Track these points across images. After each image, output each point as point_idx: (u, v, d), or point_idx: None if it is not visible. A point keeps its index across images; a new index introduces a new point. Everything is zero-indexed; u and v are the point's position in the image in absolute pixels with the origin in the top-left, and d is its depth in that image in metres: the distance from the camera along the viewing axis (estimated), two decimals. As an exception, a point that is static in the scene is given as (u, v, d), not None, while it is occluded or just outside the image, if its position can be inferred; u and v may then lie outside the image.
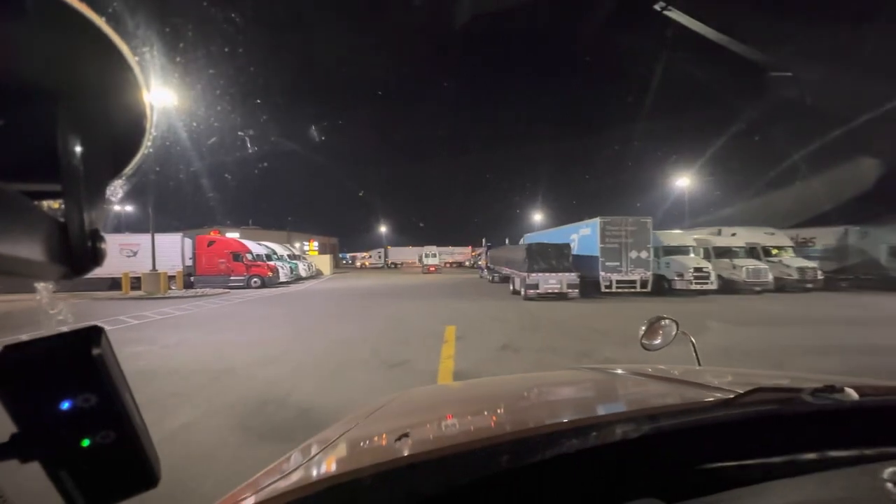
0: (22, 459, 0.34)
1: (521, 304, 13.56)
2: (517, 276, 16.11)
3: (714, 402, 0.83)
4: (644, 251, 15.53)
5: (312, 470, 0.86)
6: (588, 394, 1.38)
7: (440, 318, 10.53)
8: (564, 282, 14.50)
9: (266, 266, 22.35)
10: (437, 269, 38.94)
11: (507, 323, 9.97)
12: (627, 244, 15.47)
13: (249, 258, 22.31)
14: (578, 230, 17.67)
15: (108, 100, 0.36)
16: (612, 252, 15.45)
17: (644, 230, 15.60)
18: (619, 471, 0.78)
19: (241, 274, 21.72)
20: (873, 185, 20.65)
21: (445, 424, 1.05)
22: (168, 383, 5.12)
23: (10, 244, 0.29)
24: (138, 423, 0.38)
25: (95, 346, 0.35)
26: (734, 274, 16.39)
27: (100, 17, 0.31)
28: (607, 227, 15.54)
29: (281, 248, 29.75)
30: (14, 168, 0.35)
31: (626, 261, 15.42)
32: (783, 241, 18.69)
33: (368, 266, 53.50)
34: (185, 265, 21.21)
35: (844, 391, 0.79)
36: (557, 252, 15.04)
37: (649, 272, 15.45)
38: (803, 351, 6.80)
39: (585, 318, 10.55)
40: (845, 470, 0.73)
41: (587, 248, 16.05)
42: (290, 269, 25.27)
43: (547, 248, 15.20)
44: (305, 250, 46.66)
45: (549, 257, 14.93)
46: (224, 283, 21.36)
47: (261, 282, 21.75)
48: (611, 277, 15.36)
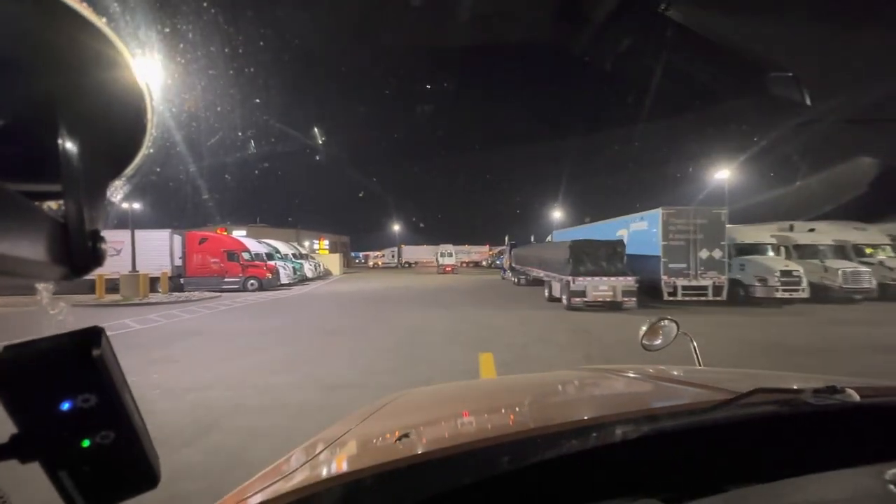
0: (22, 460, 0.34)
1: (568, 317, 10.74)
2: (556, 281, 13.27)
3: (714, 402, 0.82)
4: (717, 250, 12.49)
5: (313, 470, 0.87)
6: (588, 394, 1.38)
7: (468, 338, 7.80)
8: (619, 288, 11.63)
9: (265, 267, 19.93)
10: (454, 270, 36.00)
11: (562, 348, 7.20)
12: (696, 241, 12.47)
13: (246, 258, 19.94)
14: (629, 225, 14.70)
15: (109, 100, 0.36)
16: (676, 251, 12.47)
17: (717, 224, 12.55)
18: (620, 471, 0.77)
19: (236, 275, 19.35)
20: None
21: (446, 425, 1.07)
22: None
23: (10, 244, 0.29)
24: (138, 423, 0.37)
25: (95, 346, 0.34)
26: (826, 278, 13.26)
27: (100, 17, 0.32)
28: (671, 220, 12.55)
29: (285, 246, 27.46)
30: (14, 168, 0.35)
31: (694, 261, 12.43)
32: (877, 237, 15.40)
33: (381, 266, 51.07)
34: (174, 265, 18.91)
35: (845, 392, 0.78)
36: (608, 251, 12.16)
37: (724, 276, 12.42)
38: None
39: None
40: (847, 471, 0.72)
41: (642, 247, 13.08)
42: (293, 269, 22.86)
43: (595, 246, 12.32)
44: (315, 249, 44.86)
45: (598, 258, 12.06)
46: (217, 286, 19.02)
47: (258, 284, 19.34)
48: (675, 282, 12.38)
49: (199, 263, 19.34)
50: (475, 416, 1.14)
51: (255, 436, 3.63)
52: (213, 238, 20.07)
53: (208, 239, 19.87)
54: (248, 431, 3.73)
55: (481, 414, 1.18)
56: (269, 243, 25.37)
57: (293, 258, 26.63)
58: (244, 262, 19.56)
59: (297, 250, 29.21)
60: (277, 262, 22.46)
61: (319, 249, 45.18)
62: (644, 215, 13.70)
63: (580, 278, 11.68)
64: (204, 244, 19.60)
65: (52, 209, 0.37)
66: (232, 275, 19.34)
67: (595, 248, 12.17)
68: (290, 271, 22.50)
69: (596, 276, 11.72)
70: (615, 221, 15.95)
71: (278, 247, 26.13)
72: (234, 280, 19.27)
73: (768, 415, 0.79)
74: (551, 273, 13.83)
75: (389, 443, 0.88)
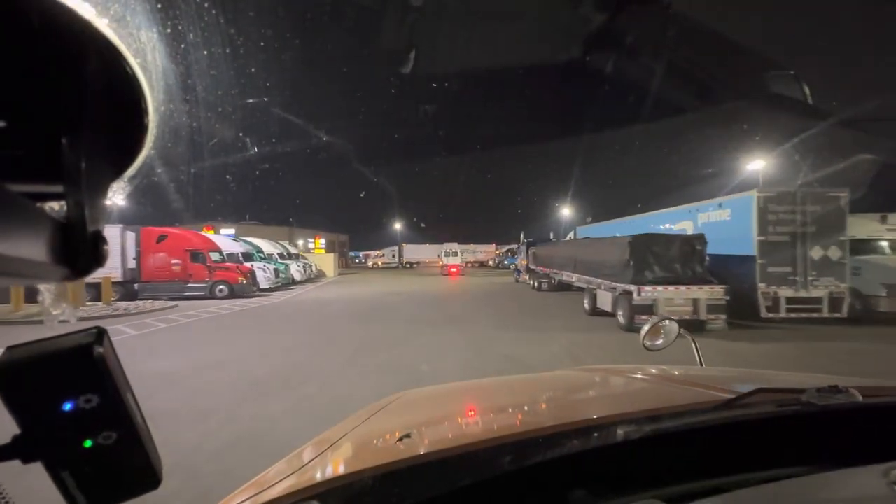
0: (24, 460, 0.34)
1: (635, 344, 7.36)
2: (604, 289, 9.90)
3: (716, 402, 0.82)
4: (834, 248, 8.97)
5: (315, 471, 0.87)
6: (590, 394, 1.38)
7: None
8: (702, 301, 8.25)
9: (237, 269, 16.65)
10: (460, 271, 32.41)
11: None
12: (805, 236, 9.03)
13: (215, 258, 16.69)
14: (696, 216, 11.16)
15: (110, 100, 0.36)
16: (777, 250, 8.99)
17: (834, 213, 9.02)
18: (621, 471, 0.77)
19: (201, 279, 16.08)
20: None
21: (447, 425, 1.09)
22: None
23: (11, 245, 0.29)
24: (140, 424, 0.38)
25: (97, 346, 0.35)
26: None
27: (101, 18, 0.32)
28: (770, 206, 9.09)
29: (269, 245, 24.21)
30: (15, 168, 0.35)
31: (803, 264, 8.98)
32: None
33: (381, 266, 47.70)
34: (126, 269, 15.63)
35: (848, 391, 0.78)
36: (684, 249, 8.74)
37: (844, 284, 8.97)
38: None
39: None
40: (849, 470, 0.71)
41: (722, 245, 9.60)
42: (274, 271, 19.57)
43: (666, 242, 8.89)
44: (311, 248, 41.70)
45: (671, 259, 8.67)
46: (179, 292, 15.76)
47: (228, 290, 16.07)
48: (776, 293, 8.93)
49: (156, 266, 16.06)
50: (476, 417, 1.17)
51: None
52: (173, 235, 16.76)
53: (168, 236, 16.56)
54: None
55: (482, 414, 1.21)
56: (250, 242, 22.15)
57: (279, 259, 23.40)
58: (211, 263, 16.28)
59: (286, 250, 25.94)
60: (257, 263, 19.22)
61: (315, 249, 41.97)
62: (725, 201, 10.22)
63: (647, 287, 8.29)
64: (163, 242, 16.32)
65: (53, 210, 0.37)
66: (197, 279, 16.07)
67: (666, 246, 8.76)
68: (272, 274, 19.21)
69: (670, 285, 8.34)
70: (677, 211, 12.39)
71: (261, 246, 22.88)
72: (199, 285, 15.99)
73: (770, 415, 0.80)
74: (596, 279, 10.44)
75: (391, 443, 0.89)
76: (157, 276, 16.01)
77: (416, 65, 5.75)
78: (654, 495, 0.68)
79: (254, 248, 21.27)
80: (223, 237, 20.12)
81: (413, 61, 5.72)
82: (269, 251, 23.49)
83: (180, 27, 7.98)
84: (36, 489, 0.42)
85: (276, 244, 25.56)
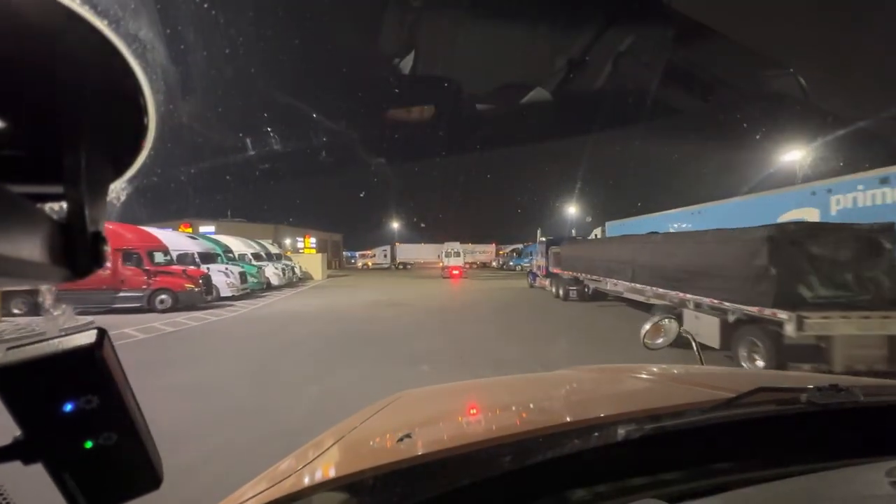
0: (25, 461, 0.34)
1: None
2: (705, 312, 6.41)
3: (717, 401, 0.81)
4: None
5: (315, 471, 0.86)
6: (590, 394, 1.37)
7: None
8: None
9: (184, 275, 13.06)
10: (462, 274, 28.70)
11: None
12: None
13: (159, 261, 13.14)
14: (834, 197, 7.63)
15: (110, 100, 0.36)
16: None
17: None
18: (621, 471, 0.76)
19: (137, 287, 12.49)
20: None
21: (447, 426, 1.08)
22: None
23: (11, 246, 0.29)
24: (141, 424, 0.38)
25: (98, 347, 0.35)
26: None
27: (100, 19, 0.32)
28: None
29: (242, 244, 20.68)
30: (15, 169, 0.35)
31: None
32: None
33: (371, 267, 43.99)
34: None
35: (849, 390, 0.78)
36: (863, 250, 5.23)
37: None
38: None
39: None
40: (850, 469, 0.71)
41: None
42: (240, 275, 15.99)
43: (836, 239, 5.33)
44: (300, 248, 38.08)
45: (842, 266, 5.16)
46: (108, 303, 12.20)
47: (171, 300, 12.49)
48: None
49: (78, 269, 12.46)
50: (476, 416, 1.17)
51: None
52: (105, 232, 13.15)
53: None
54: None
55: (482, 414, 1.20)
56: (216, 240, 18.61)
57: (253, 260, 19.85)
58: (151, 267, 12.70)
59: (265, 250, 22.38)
60: (218, 266, 15.68)
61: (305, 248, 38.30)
62: (886, 174, 6.72)
63: (811, 315, 4.79)
64: (88, 240, 12.72)
65: (53, 210, 0.37)
66: (131, 286, 12.46)
67: (834, 243, 5.22)
68: (235, 279, 15.64)
69: (849, 311, 4.84)
70: (771, 196, 8.87)
71: (231, 245, 19.34)
72: (132, 294, 12.40)
73: (771, 414, 0.79)
74: (684, 293, 6.92)
75: (391, 444, 0.89)
76: (80, 284, 12.27)
77: (416, 65, 5.68)
78: (655, 495, 0.67)
79: (220, 247, 17.71)
80: (177, 234, 16.51)
81: (413, 61, 5.66)
82: (242, 251, 19.94)
83: (180, 27, 8.32)
84: (37, 490, 0.41)
85: (253, 243, 22.01)
